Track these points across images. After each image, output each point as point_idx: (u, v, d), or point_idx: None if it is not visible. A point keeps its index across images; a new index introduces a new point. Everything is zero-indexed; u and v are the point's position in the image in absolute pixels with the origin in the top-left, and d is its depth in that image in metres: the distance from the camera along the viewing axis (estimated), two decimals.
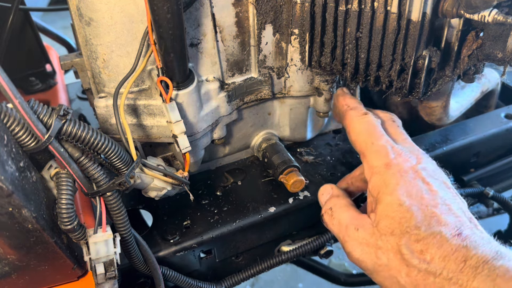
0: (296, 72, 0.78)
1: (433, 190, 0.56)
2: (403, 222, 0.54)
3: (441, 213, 0.54)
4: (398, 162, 0.58)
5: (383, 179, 0.58)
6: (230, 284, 0.79)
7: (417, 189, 0.56)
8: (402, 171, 0.57)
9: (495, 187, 0.99)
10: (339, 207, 0.63)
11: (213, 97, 0.73)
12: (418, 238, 0.52)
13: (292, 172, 0.79)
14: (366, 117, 0.65)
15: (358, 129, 0.64)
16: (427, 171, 0.58)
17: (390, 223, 0.55)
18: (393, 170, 0.58)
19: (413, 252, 0.52)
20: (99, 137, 0.57)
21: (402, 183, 0.56)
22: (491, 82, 1.01)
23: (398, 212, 0.55)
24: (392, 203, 0.56)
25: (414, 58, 0.66)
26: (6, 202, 0.45)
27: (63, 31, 1.35)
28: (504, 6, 0.59)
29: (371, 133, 0.63)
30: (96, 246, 0.58)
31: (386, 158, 0.59)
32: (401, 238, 0.53)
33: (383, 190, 0.57)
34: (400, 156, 0.59)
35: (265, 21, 0.73)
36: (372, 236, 0.56)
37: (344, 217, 0.61)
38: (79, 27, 0.66)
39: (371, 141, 0.62)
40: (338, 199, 0.65)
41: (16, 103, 0.47)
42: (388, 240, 0.55)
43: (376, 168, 0.59)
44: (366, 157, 0.61)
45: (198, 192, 0.82)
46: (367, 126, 0.64)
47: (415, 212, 0.54)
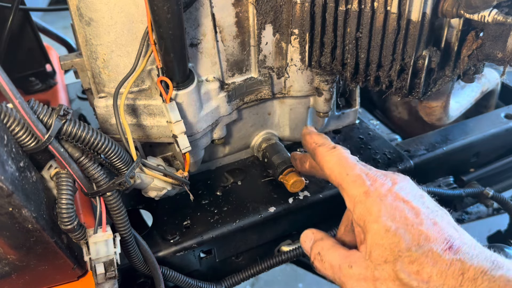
0: (296, 72, 0.78)
1: (415, 207, 0.56)
2: (393, 247, 0.54)
3: (428, 230, 0.54)
4: (376, 188, 0.58)
5: (365, 207, 0.58)
6: (230, 284, 0.79)
7: (400, 210, 0.56)
8: (381, 195, 0.57)
9: (495, 187, 0.99)
10: (327, 249, 0.62)
11: (213, 97, 0.73)
12: (411, 260, 0.52)
13: (292, 172, 0.79)
14: (335, 151, 0.65)
15: (330, 163, 0.64)
16: (404, 190, 0.58)
17: (381, 251, 0.55)
18: (373, 197, 0.58)
19: (410, 275, 0.52)
20: (99, 137, 0.57)
21: (384, 208, 0.56)
22: (491, 82, 1.01)
23: (387, 238, 0.54)
24: (379, 230, 0.55)
25: (414, 58, 0.66)
26: (6, 202, 0.45)
27: (63, 31, 1.35)
28: (504, 6, 0.59)
29: (343, 164, 0.63)
30: (96, 246, 0.58)
31: (363, 187, 0.59)
32: (395, 264, 0.53)
33: (367, 218, 0.57)
34: (376, 181, 0.59)
35: (265, 21, 0.73)
36: (367, 269, 0.56)
37: (334, 257, 0.60)
38: (79, 27, 0.66)
39: (345, 172, 0.62)
40: (322, 242, 0.64)
41: (16, 103, 0.47)
42: (384, 268, 0.54)
43: (356, 197, 0.59)
44: (344, 189, 0.61)
45: (198, 192, 0.82)
46: (338, 159, 0.64)
47: (402, 235, 0.54)
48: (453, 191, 0.92)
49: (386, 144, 0.93)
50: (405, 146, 0.93)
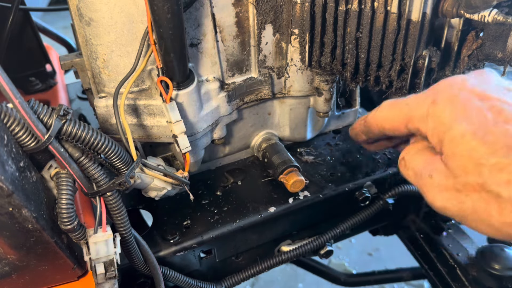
0: (296, 72, 0.78)
1: (496, 104, 0.47)
2: (473, 155, 0.45)
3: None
4: (443, 92, 0.50)
5: (436, 118, 0.50)
6: (230, 284, 0.79)
7: (476, 109, 0.47)
8: (452, 97, 0.49)
9: None
10: (413, 154, 0.55)
11: (213, 97, 0.73)
12: (499, 167, 0.44)
13: (292, 172, 0.79)
14: (380, 107, 0.59)
15: (383, 115, 0.58)
16: (481, 85, 0.49)
17: (459, 161, 0.47)
18: (442, 102, 0.49)
19: (500, 185, 0.44)
20: (99, 137, 0.57)
21: (456, 111, 0.48)
22: None
23: (463, 145, 0.46)
24: (454, 137, 0.47)
25: (414, 58, 0.66)
26: (6, 202, 0.45)
27: (63, 31, 1.35)
28: (504, 6, 0.59)
29: (396, 105, 0.57)
30: (96, 246, 0.58)
31: (428, 98, 0.51)
32: (480, 174, 0.45)
33: (440, 128, 0.49)
34: (440, 86, 0.51)
35: (265, 21, 0.73)
36: (447, 179, 0.48)
37: (417, 163, 0.53)
38: (79, 27, 0.66)
39: (404, 104, 0.55)
40: (411, 144, 0.57)
41: (16, 103, 0.47)
42: (467, 180, 0.46)
43: (426, 113, 0.51)
44: (413, 117, 0.53)
45: (198, 192, 0.82)
46: (389, 107, 0.58)
47: (482, 138, 0.45)
48: None
49: None
50: None
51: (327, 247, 0.84)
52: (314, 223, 0.85)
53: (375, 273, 1.32)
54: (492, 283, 0.81)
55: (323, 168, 0.87)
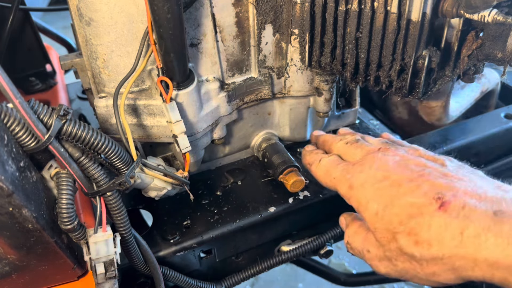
0: (296, 72, 0.78)
1: (396, 178, 0.56)
2: (388, 226, 0.54)
3: (413, 195, 0.53)
4: (356, 178, 0.61)
5: (355, 200, 0.60)
6: (230, 284, 0.79)
7: (382, 188, 0.57)
8: (362, 182, 0.59)
9: None
10: (352, 237, 0.65)
11: (213, 97, 0.73)
12: (407, 232, 0.52)
13: (292, 172, 0.79)
14: (321, 162, 0.69)
15: (320, 176, 0.69)
16: (385, 161, 0.59)
17: (380, 233, 0.56)
18: (356, 187, 0.60)
19: (411, 247, 0.52)
20: (99, 137, 0.57)
21: (367, 194, 0.58)
22: (491, 82, 1.01)
23: (379, 221, 0.56)
24: (371, 215, 0.57)
25: (414, 58, 0.66)
26: (6, 202, 0.45)
27: (63, 31, 1.35)
28: (504, 6, 0.59)
29: (329, 171, 0.66)
30: (96, 246, 0.58)
31: (346, 182, 0.62)
32: (397, 241, 0.54)
33: (360, 209, 0.59)
34: (354, 172, 0.62)
35: (265, 21, 0.73)
36: (379, 249, 0.58)
37: (357, 243, 0.63)
38: (79, 27, 0.66)
39: (332, 177, 0.65)
40: (348, 229, 0.67)
41: (16, 103, 0.47)
42: (390, 247, 0.55)
43: (346, 194, 0.62)
44: (338, 190, 0.64)
45: (198, 192, 0.82)
46: (325, 168, 0.68)
47: (390, 212, 0.54)
48: None
49: None
50: None
51: (327, 247, 0.84)
52: (314, 223, 0.85)
53: (375, 273, 1.32)
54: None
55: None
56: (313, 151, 0.74)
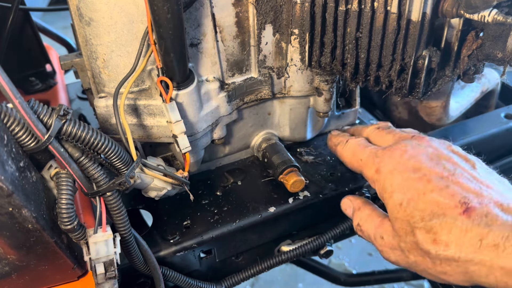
0: (296, 72, 0.78)
1: (426, 173, 0.56)
2: (409, 219, 0.55)
3: (440, 195, 0.53)
4: (385, 163, 0.60)
5: (379, 185, 0.60)
6: (230, 284, 0.79)
7: (410, 181, 0.56)
8: (391, 170, 0.59)
9: None
10: (364, 220, 0.65)
11: (213, 97, 0.73)
12: (427, 229, 0.53)
13: (292, 172, 0.79)
14: (348, 143, 0.70)
15: (347, 158, 0.70)
16: (416, 156, 0.59)
17: (400, 224, 0.56)
18: (384, 173, 0.60)
19: (428, 244, 0.53)
20: (99, 137, 0.57)
21: (394, 182, 0.58)
22: (491, 82, 1.01)
23: (401, 212, 0.56)
24: (394, 205, 0.57)
25: (414, 58, 0.66)
26: (6, 202, 0.45)
27: (63, 31, 1.35)
28: (504, 6, 0.59)
29: (356, 152, 0.67)
30: (96, 246, 0.58)
31: (373, 166, 0.62)
32: (414, 234, 0.54)
33: (384, 195, 0.59)
34: (384, 156, 0.61)
35: (265, 21, 0.73)
36: (394, 239, 0.58)
37: (370, 228, 0.63)
38: (79, 27, 0.66)
39: (359, 158, 0.66)
40: (360, 212, 0.67)
41: (16, 103, 0.47)
42: (406, 239, 0.56)
43: (372, 177, 0.62)
44: (363, 172, 0.65)
45: (198, 192, 0.82)
46: (352, 149, 0.69)
47: (415, 206, 0.55)
48: None
49: None
50: None
51: (327, 247, 0.84)
52: (314, 223, 0.85)
53: (375, 273, 1.32)
54: None
55: (323, 168, 0.87)
56: (340, 134, 0.75)
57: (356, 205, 0.69)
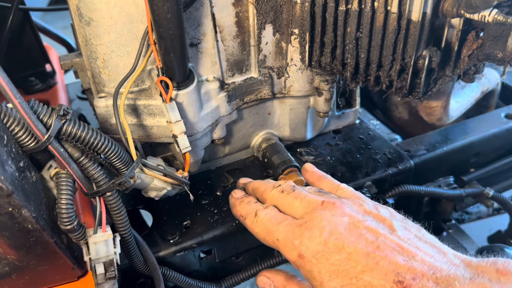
0: (296, 72, 0.78)
1: (352, 252, 0.53)
2: None
3: (372, 276, 0.51)
4: (306, 246, 0.55)
5: (306, 271, 0.56)
6: (230, 284, 0.79)
7: (336, 264, 0.53)
8: (315, 253, 0.55)
9: (495, 187, 0.99)
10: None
11: (213, 97, 0.73)
12: None
13: (292, 172, 0.79)
14: (258, 217, 0.62)
15: (260, 233, 0.62)
16: (337, 232, 0.55)
17: None
18: (307, 258, 0.55)
19: None
20: (99, 137, 0.57)
21: (322, 268, 0.54)
22: (491, 82, 1.01)
23: None
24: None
25: (414, 58, 0.66)
26: (6, 202, 0.45)
27: (63, 31, 1.35)
28: (504, 6, 0.59)
29: (270, 230, 0.60)
30: (96, 246, 0.58)
31: (294, 250, 0.57)
32: None
33: (313, 283, 0.55)
34: (303, 238, 0.56)
35: (265, 21, 0.73)
36: None
37: None
38: (79, 27, 0.66)
39: (275, 238, 0.59)
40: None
41: (16, 103, 0.47)
42: None
43: (295, 262, 0.57)
44: (283, 253, 0.59)
45: (198, 192, 0.82)
46: (264, 226, 0.61)
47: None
48: (453, 191, 0.91)
49: (386, 144, 0.93)
50: (405, 146, 0.93)
51: None
52: None
53: None
54: None
55: (323, 168, 0.87)
56: (244, 199, 0.68)
57: (279, 284, 0.64)
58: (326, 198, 0.60)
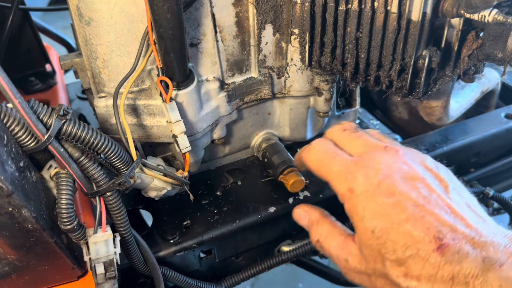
0: (296, 72, 0.78)
1: (402, 200, 0.52)
2: (380, 248, 0.52)
3: (415, 227, 0.50)
4: (358, 183, 0.55)
5: (351, 205, 0.56)
6: (230, 284, 0.79)
7: (385, 207, 0.53)
8: (365, 192, 0.55)
9: (495, 187, 0.99)
10: (324, 236, 0.61)
11: (213, 97, 0.73)
12: (399, 262, 0.51)
13: (292, 172, 0.79)
14: (314, 147, 0.63)
15: (312, 162, 0.62)
16: (392, 178, 0.54)
17: (370, 251, 0.53)
18: (356, 194, 0.55)
19: (399, 277, 0.50)
20: (99, 137, 0.57)
21: (368, 206, 0.54)
22: (491, 82, 1.01)
23: (373, 239, 0.52)
24: (365, 231, 0.53)
25: (414, 58, 0.66)
26: (6, 202, 0.45)
27: (63, 31, 1.35)
28: (504, 6, 0.59)
29: (324, 161, 0.60)
30: (96, 246, 0.58)
31: (345, 183, 0.57)
32: (384, 265, 0.52)
33: (354, 217, 0.55)
34: (357, 174, 0.56)
35: (265, 21, 0.73)
36: (361, 264, 0.55)
37: (332, 247, 0.60)
38: (79, 27, 0.66)
39: (328, 169, 0.60)
40: (319, 227, 0.62)
41: (16, 103, 0.47)
42: (374, 268, 0.53)
43: (343, 195, 0.57)
44: (332, 185, 0.59)
45: (198, 192, 0.82)
46: (319, 156, 0.62)
47: (387, 236, 0.51)
48: None
49: None
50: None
51: None
52: None
53: None
54: None
55: None
56: None
57: (314, 218, 0.63)
58: (389, 144, 0.60)
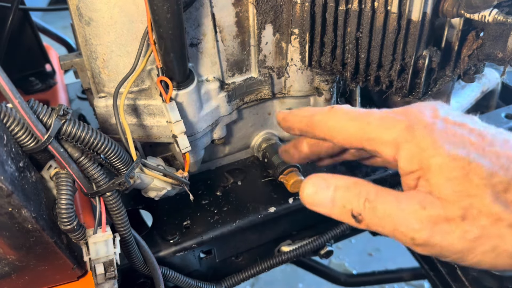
0: (296, 72, 0.78)
1: (474, 129, 0.44)
2: (471, 176, 0.41)
3: (504, 149, 0.42)
4: (418, 118, 0.45)
5: (415, 144, 0.44)
6: (230, 284, 0.79)
7: (459, 135, 0.44)
8: (429, 124, 0.45)
9: None
10: (375, 193, 0.47)
11: (213, 97, 0.73)
12: (504, 187, 0.41)
13: (292, 172, 0.79)
14: (336, 109, 0.51)
15: (339, 123, 0.50)
16: (452, 113, 0.47)
17: (457, 185, 0.42)
18: (419, 129, 0.45)
19: (508, 205, 0.41)
20: (99, 137, 0.56)
21: (440, 137, 0.43)
22: (491, 82, 1.01)
23: (458, 168, 0.42)
24: (445, 162, 0.43)
25: (415, 58, 0.66)
26: (6, 202, 0.45)
27: (63, 31, 1.35)
28: (504, 6, 0.59)
29: (357, 117, 0.49)
30: (96, 246, 0.58)
31: (400, 123, 0.46)
32: (483, 196, 0.41)
33: (423, 155, 0.44)
34: (409, 113, 0.46)
35: (265, 21, 0.73)
36: (446, 209, 0.42)
37: (390, 202, 0.45)
38: (79, 27, 0.66)
39: (365, 122, 0.48)
40: (363, 186, 0.47)
41: (16, 103, 0.47)
42: (468, 205, 0.42)
43: (397, 139, 0.45)
44: (373, 139, 0.47)
45: (198, 192, 0.82)
46: (347, 115, 0.50)
47: (477, 160, 0.42)
48: None
49: None
50: None
51: (327, 247, 0.84)
52: (314, 223, 0.85)
53: (375, 273, 1.32)
54: (492, 283, 0.81)
55: (323, 168, 0.87)
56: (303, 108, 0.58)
57: (343, 183, 0.48)
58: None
